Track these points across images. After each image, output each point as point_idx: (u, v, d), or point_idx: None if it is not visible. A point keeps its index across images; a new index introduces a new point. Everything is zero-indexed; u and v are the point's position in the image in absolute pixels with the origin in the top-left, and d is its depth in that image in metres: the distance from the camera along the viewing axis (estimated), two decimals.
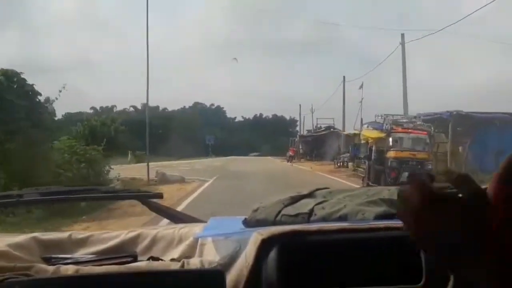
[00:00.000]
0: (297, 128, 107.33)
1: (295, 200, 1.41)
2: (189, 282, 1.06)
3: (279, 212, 1.35)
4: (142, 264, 1.23)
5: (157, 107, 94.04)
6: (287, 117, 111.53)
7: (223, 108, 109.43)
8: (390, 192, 1.36)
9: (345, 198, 1.37)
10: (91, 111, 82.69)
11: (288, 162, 45.01)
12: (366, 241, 1.08)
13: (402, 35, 26.49)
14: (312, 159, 47.77)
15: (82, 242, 1.40)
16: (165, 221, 1.99)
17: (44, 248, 1.37)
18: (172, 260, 1.26)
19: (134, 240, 1.39)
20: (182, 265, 1.15)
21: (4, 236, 1.41)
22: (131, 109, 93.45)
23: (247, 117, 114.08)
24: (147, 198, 1.99)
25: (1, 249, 1.27)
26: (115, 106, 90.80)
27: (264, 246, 1.06)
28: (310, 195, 1.44)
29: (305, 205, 1.36)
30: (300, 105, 71.60)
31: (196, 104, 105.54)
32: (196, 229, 1.41)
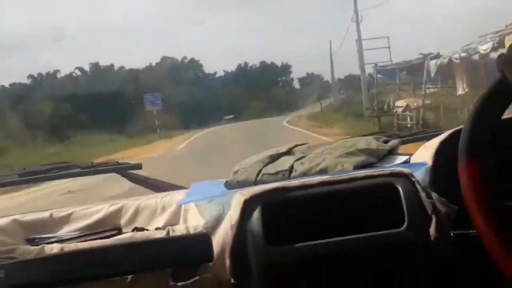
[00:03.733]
0: (292, 76, 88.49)
1: (274, 158, 1.41)
2: (176, 248, 1.06)
3: (260, 171, 1.35)
4: (127, 235, 1.23)
5: (111, 66, 73.05)
6: (278, 64, 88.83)
7: (198, 61, 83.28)
8: (367, 142, 1.37)
9: (324, 152, 1.37)
10: (29, 80, 65.85)
11: None
12: (347, 191, 1.09)
13: None
14: None
15: (65, 220, 1.39)
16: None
17: (26, 229, 1.35)
18: (157, 229, 1.26)
19: (117, 213, 1.38)
20: (168, 233, 1.15)
21: None
22: (78, 72, 71.85)
23: (229, 71, 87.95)
24: (126, 170, 1.98)
25: None
26: (59, 71, 69.81)
27: (247, 205, 1.06)
28: (289, 152, 1.44)
29: (284, 162, 1.36)
30: None
31: (164, 59, 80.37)
32: (178, 196, 1.40)
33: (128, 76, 68.09)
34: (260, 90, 75.05)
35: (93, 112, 49.22)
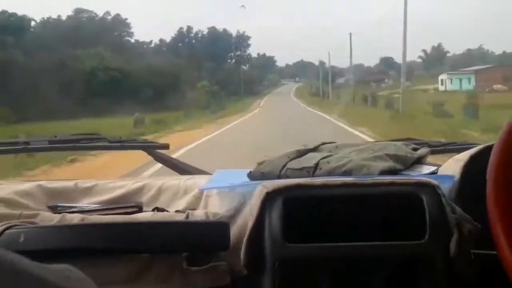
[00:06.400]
0: (249, 50, 71.58)
1: (300, 154, 1.40)
2: (194, 233, 1.07)
3: (284, 165, 1.35)
4: (147, 214, 1.24)
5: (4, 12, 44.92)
6: (233, 33, 70.12)
7: (126, 20, 59.86)
8: (396, 147, 1.35)
9: (351, 153, 1.36)
10: None
11: None
12: (370, 196, 1.08)
13: None
14: None
15: (88, 191, 1.41)
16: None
17: (50, 196, 1.38)
18: (177, 211, 1.27)
19: (140, 191, 1.40)
20: (187, 217, 1.16)
21: (9, 183, 1.43)
22: None
23: (167, 40, 67.56)
24: (153, 149, 1.99)
25: (7, 196, 1.29)
26: None
27: (269, 198, 1.06)
28: (316, 149, 1.43)
29: (310, 159, 1.35)
30: None
31: (78, 11, 57.56)
32: (201, 180, 1.41)
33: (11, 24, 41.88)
34: (209, 65, 56.28)
35: None
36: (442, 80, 59.82)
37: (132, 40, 60.15)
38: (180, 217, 1.17)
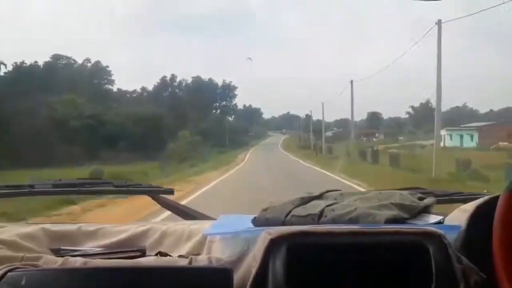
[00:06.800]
0: (235, 101, 67.56)
1: (305, 201, 1.40)
2: (197, 279, 1.06)
3: (289, 212, 1.34)
4: (150, 259, 1.23)
5: None
6: (219, 82, 66.14)
7: (107, 67, 56.35)
8: (401, 196, 1.35)
9: (356, 201, 1.36)
10: None
11: None
12: (375, 244, 1.07)
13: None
14: None
15: (91, 235, 1.41)
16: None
17: (53, 239, 1.38)
18: (180, 256, 1.26)
19: (143, 235, 1.40)
20: (190, 262, 1.15)
21: (12, 226, 1.43)
22: None
23: (148, 89, 63.83)
24: (158, 194, 1.99)
25: (9, 238, 1.28)
26: None
27: (273, 245, 1.05)
28: (320, 196, 1.43)
29: (315, 207, 1.35)
30: None
31: (57, 57, 53.72)
32: (205, 226, 1.41)
33: None
34: (193, 115, 53.19)
35: None
36: (440, 136, 58.75)
37: (114, 89, 56.86)
38: (183, 262, 1.16)
